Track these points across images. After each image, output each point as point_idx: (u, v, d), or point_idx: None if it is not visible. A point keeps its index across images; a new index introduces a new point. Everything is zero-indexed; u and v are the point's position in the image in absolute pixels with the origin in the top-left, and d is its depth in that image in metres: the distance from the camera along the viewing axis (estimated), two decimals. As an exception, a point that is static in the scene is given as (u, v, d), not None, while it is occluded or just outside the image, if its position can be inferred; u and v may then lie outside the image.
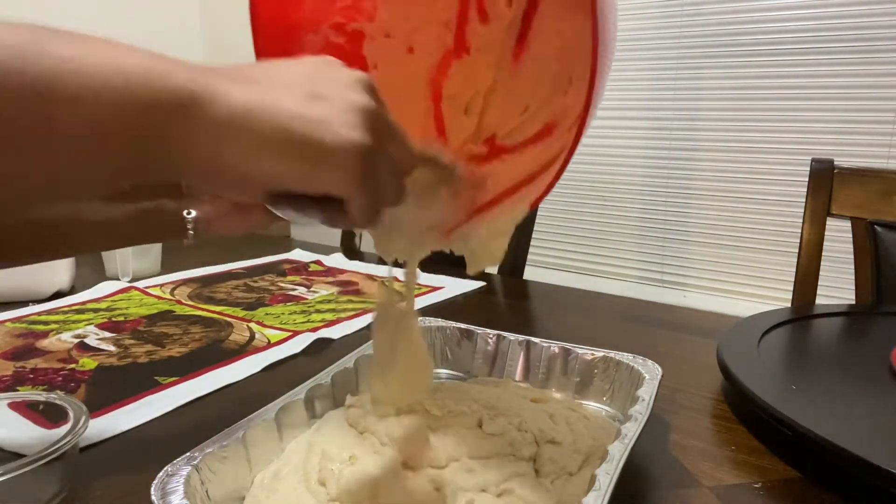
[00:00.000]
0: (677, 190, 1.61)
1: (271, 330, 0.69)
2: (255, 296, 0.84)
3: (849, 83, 1.37)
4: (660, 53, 1.55)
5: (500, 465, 0.37)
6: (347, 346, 0.62)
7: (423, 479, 0.35)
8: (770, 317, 0.65)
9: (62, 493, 0.38)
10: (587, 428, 0.43)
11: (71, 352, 0.62)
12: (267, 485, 0.36)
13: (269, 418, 0.40)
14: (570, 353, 0.52)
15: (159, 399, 0.52)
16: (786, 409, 0.43)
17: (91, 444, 0.45)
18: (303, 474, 0.37)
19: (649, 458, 0.43)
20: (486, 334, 0.55)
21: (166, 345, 0.65)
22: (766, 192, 1.50)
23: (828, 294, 1.25)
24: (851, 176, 0.86)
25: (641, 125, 1.63)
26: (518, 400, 0.46)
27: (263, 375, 0.58)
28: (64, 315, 0.74)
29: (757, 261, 1.53)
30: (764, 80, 1.46)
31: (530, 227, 1.12)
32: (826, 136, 1.41)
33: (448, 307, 0.80)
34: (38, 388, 0.54)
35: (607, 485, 0.31)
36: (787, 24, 1.41)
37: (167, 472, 0.33)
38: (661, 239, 1.66)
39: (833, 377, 0.54)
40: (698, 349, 0.65)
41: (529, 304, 0.88)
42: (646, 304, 0.83)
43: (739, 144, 1.51)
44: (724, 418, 0.50)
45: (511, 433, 0.39)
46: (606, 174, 1.71)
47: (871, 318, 0.71)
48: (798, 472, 0.42)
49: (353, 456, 0.37)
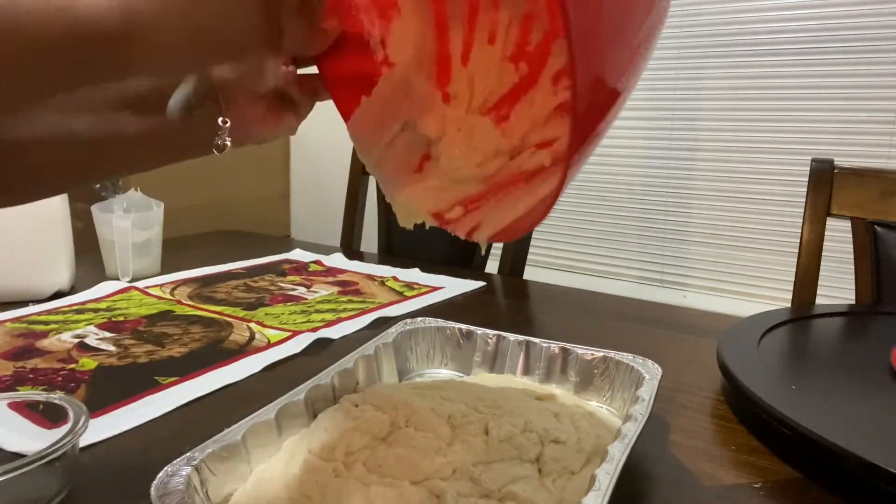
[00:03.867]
0: (677, 190, 1.61)
1: (271, 330, 0.69)
2: (255, 296, 0.84)
3: (849, 83, 1.37)
4: (660, 53, 1.55)
5: (504, 469, 0.37)
6: (347, 346, 0.62)
7: (422, 488, 0.35)
8: (770, 317, 0.65)
9: (62, 493, 0.38)
10: (592, 425, 0.43)
11: (71, 352, 0.62)
12: (250, 491, 0.36)
13: (269, 418, 0.40)
14: (570, 353, 0.52)
15: (159, 399, 0.52)
16: (786, 409, 0.43)
17: (91, 444, 0.45)
18: (283, 484, 0.36)
19: (649, 458, 0.43)
20: (486, 334, 0.55)
21: (166, 345, 0.65)
22: (766, 192, 1.50)
23: (828, 294, 1.26)
24: (851, 176, 0.86)
25: (641, 125, 1.63)
26: (523, 399, 0.46)
27: (263, 375, 0.58)
28: (64, 315, 0.74)
29: (757, 261, 1.53)
30: (764, 80, 1.46)
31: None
32: (826, 136, 1.41)
33: (448, 307, 0.80)
34: (38, 388, 0.54)
35: (607, 485, 0.31)
36: (787, 24, 1.41)
37: (167, 472, 0.33)
38: (661, 239, 1.66)
39: (833, 377, 0.54)
40: (698, 349, 0.65)
41: (529, 304, 0.88)
42: (646, 304, 0.84)
43: (739, 144, 1.51)
44: (724, 418, 0.50)
45: (517, 438, 0.39)
46: (606, 174, 1.71)
47: (871, 318, 0.71)
48: (798, 472, 0.42)
49: (338, 468, 0.37)
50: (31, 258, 0.79)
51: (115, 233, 0.88)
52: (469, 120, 0.38)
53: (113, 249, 0.89)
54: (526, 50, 0.36)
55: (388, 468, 0.36)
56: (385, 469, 0.36)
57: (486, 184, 0.37)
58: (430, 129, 0.38)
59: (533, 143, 0.36)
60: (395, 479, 0.36)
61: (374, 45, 0.40)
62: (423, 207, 0.39)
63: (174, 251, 1.03)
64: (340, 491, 0.35)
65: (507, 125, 0.37)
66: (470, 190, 0.38)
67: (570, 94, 0.26)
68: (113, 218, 0.88)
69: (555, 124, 0.35)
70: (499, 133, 0.37)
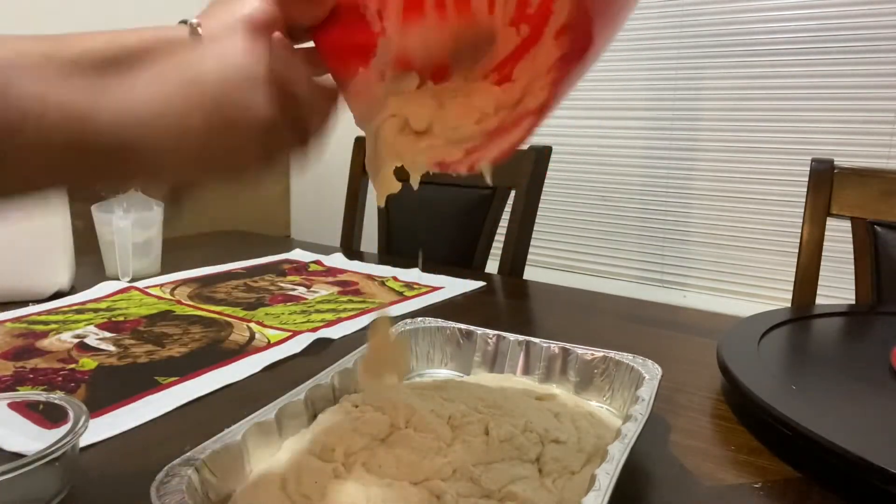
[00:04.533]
0: (677, 190, 1.61)
1: (271, 330, 0.69)
2: (254, 296, 0.84)
3: (849, 83, 1.37)
4: (660, 53, 1.56)
5: (504, 469, 0.37)
6: (347, 346, 0.62)
7: (422, 488, 0.35)
8: (770, 317, 0.65)
9: (62, 493, 0.38)
10: (592, 425, 0.43)
11: (71, 352, 0.62)
12: (250, 490, 0.36)
13: (269, 418, 0.40)
14: (570, 353, 0.52)
15: (159, 399, 0.52)
16: (786, 409, 0.43)
17: (91, 444, 0.45)
18: (281, 484, 0.36)
19: (649, 458, 0.43)
20: (486, 334, 0.55)
21: (166, 345, 0.65)
22: (766, 192, 1.50)
23: (828, 294, 1.26)
24: (851, 176, 0.86)
25: (641, 125, 1.63)
26: (524, 399, 0.46)
27: (263, 375, 0.58)
28: (64, 315, 0.74)
29: (757, 261, 1.53)
30: (764, 80, 1.46)
31: (530, 228, 1.12)
32: (826, 136, 1.41)
33: (448, 307, 0.80)
34: (38, 388, 0.54)
35: (607, 485, 0.31)
36: (787, 24, 1.41)
37: (167, 472, 0.33)
38: (661, 239, 1.66)
39: (833, 377, 0.54)
40: (698, 349, 0.65)
41: (529, 304, 0.88)
42: (646, 304, 0.84)
43: (739, 144, 1.51)
44: (724, 418, 0.50)
45: (517, 438, 0.39)
46: (606, 174, 1.71)
47: (871, 318, 0.71)
48: (798, 472, 0.42)
49: (338, 468, 0.37)
50: (31, 258, 0.79)
51: (115, 233, 0.88)
52: (468, 86, 0.38)
53: (113, 249, 0.89)
54: (527, 12, 0.36)
55: (387, 469, 0.36)
56: (385, 470, 0.36)
57: (489, 135, 0.38)
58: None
59: (535, 90, 0.36)
60: (395, 480, 0.36)
61: (371, 17, 0.40)
62: (425, 162, 0.40)
63: (174, 251, 1.03)
64: (340, 491, 0.35)
65: (509, 84, 0.37)
66: (472, 142, 0.38)
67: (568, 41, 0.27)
68: (113, 218, 0.88)
69: (557, 68, 0.35)
70: (500, 91, 0.37)
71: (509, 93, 0.37)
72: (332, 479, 0.36)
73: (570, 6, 0.25)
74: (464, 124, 0.38)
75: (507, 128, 0.36)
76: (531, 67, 0.36)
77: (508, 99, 0.37)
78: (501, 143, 0.36)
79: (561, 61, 0.35)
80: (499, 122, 0.37)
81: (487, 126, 0.37)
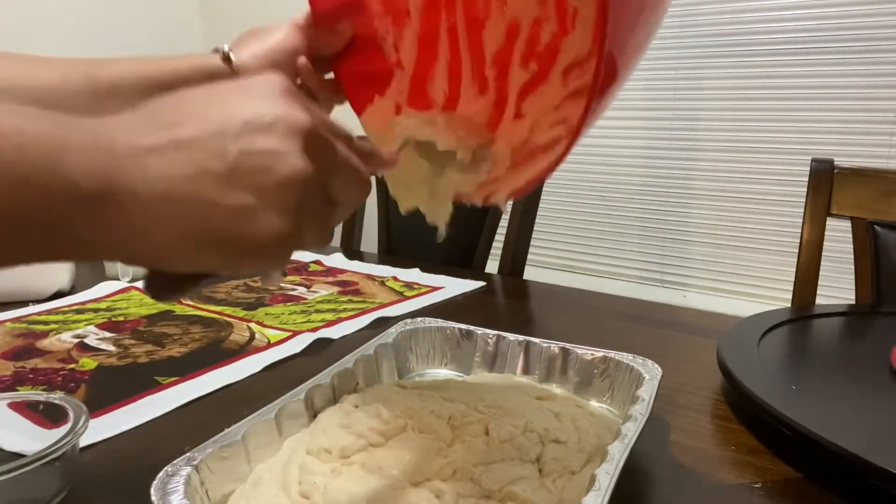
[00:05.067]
0: (677, 190, 1.61)
1: (271, 330, 0.69)
2: (254, 296, 0.84)
3: (849, 83, 1.37)
4: (660, 53, 1.55)
5: (504, 470, 0.37)
6: (347, 346, 0.62)
7: (423, 489, 0.35)
8: (770, 317, 0.65)
9: (62, 493, 0.38)
10: (592, 425, 0.43)
11: (71, 352, 0.62)
12: (247, 492, 0.36)
13: (269, 418, 0.40)
14: (570, 353, 0.52)
15: (159, 399, 0.52)
16: (786, 409, 0.43)
17: (91, 444, 0.45)
18: (281, 484, 0.36)
19: (649, 458, 0.43)
20: (485, 334, 0.55)
21: (166, 345, 0.65)
22: (766, 192, 1.50)
23: (828, 294, 1.25)
24: (851, 176, 0.86)
25: (641, 125, 1.63)
26: (524, 399, 0.46)
27: (263, 375, 0.58)
28: (64, 315, 0.74)
29: (757, 261, 1.53)
30: (764, 80, 1.46)
31: (530, 227, 1.12)
32: (826, 136, 1.41)
33: (448, 307, 0.80)
34: (38, 388, 0.54)
35: (607, 485, 0.31)
36: (787, 24, 1.41)
37: (167, 472, 0.33)
38: (661, 239, 1.66)
39: (833, 377, 0.54)
40: (698, 349, 0.65)
41: (529, 304, 0.88)
42: (646, 304, 0.83)
43: (739, 144, 1.51)
44: (724, 418, 0.50)
45: (517, 438, 0.39)
46: (606, 174, 1.71)
47: (871, 318, 0.71)
48: (798, 472, 0.42)
49: (338, 469, 0.37)
50: (31, 258, 0.79)
51: (115, 233, 0.88)
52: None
53: (113, 249, 0.89)
54: (536, 50, 0.37)
55: (388, 469, 0.36)
56: (385, 470, 0.36)
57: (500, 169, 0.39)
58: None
59: (546, 125, 0.37)
60: (396, 480, 0.36)
61: (388, 49, 0.41)
62: (442, 194, 0.41)
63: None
64: (340, 492, 0.35)
65: (519, 120, 0.38)
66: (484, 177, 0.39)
67: (590, 77, 0.27)
68: (113, 218, 0.88)
69: (567, 106, 0.36)
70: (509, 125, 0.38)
71: (520, 129, 0.38)
72: (332, 479, 0.36)
73: (580, 46, 0.26)
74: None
75: (520, 163, 0.37)
76: (539, 103, 0.37)
77: (518, 136, 0.38)
78: (516, 175, 0.37)
79: (568, 98, 0.36)
80: (509, 159, 0.38)
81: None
